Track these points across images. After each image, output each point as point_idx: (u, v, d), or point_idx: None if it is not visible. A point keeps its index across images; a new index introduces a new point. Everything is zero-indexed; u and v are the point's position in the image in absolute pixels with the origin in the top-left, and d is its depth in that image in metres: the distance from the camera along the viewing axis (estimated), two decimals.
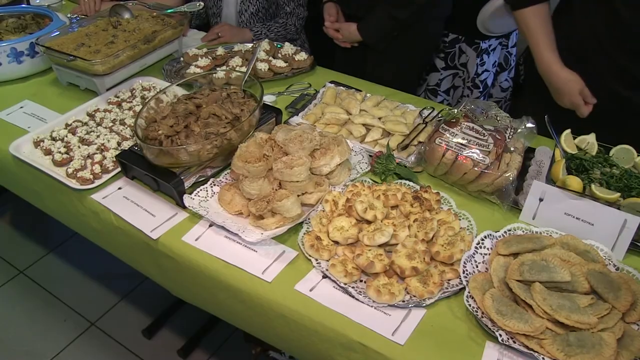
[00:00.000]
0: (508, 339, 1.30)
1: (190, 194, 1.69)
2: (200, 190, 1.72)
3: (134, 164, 1.74)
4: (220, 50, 2.49)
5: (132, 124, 1.98)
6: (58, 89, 2.33)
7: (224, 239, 1.60)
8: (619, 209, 1.56)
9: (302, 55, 2.42)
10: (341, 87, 2.25)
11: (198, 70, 2.34)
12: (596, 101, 1.94)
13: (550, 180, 1.69)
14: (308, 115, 2.05)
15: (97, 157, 1.85)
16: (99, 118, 2.07)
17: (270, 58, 2.41)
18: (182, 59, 2.48)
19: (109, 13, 2.49)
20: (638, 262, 1.54)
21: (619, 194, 1.60)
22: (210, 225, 1.64)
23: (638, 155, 1.76)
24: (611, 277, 1.41)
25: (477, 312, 1.36)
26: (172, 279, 1.72)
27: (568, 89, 1.98)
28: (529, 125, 1.85)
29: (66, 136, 1.97)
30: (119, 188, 1.79)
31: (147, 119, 1.84)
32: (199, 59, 2.41)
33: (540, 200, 1.64)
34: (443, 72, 2.82)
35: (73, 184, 1.77)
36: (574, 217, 1.60)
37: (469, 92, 2.82)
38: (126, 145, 1.92)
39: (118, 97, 2.20)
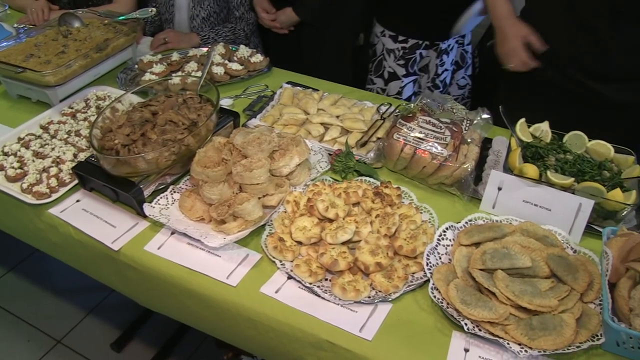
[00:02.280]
0: (474, 327, 1.32)
1: (151, 202, 1.67)
2: (161, 198, 1.70)
3: (92, 176, 1.71)
4: (175, 56, 2.46)
5: (88, 135, 1.94)
6: (8, 102, 2.26)
7: (187, 246, 1.58)
8: (573, 193, 1.59)
9: (258, 57, 2.41)
10: (298, 87, 2.25)
11: (153, 77, 2.30)
12: (545, 48, 1.95)
13: (508, 169, 1.73)
14: (266, 117, 2.05)
15: (53, 171, 1.81)
16: (53, 130, 2.02)
17: (226, 61, 2.39)
18: (136, 66, 2.44)
19: (58, 22, 2.44)
20: (594, 244, 1.58)
21: (573, 179, 1.64)
22: (172, 233, 1.62)
23: (589, 141, 1.80)
24: (569, 260, 1.45)
25: (442, 303, 1.38)
26: (137, 290, 1.70)
27: (513, 32, 2.00)
28: (485, 116, 1.88)
29: (19, 150, 1.92)
30: (77, 200, 1.76)
31: (103, 128, 1.81)
32: (154, 65, 2.38)
33: (499, 189, 1.66)
34: (404, 80, 2.82)
35: (29, 199, 1.73)
36: (532, 203, 1.64)
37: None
38: (83, 156, 1.89)
39: (72, 108, 2.15)
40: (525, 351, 1.27)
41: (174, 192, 1.72)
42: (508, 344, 1.29)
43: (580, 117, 1.88)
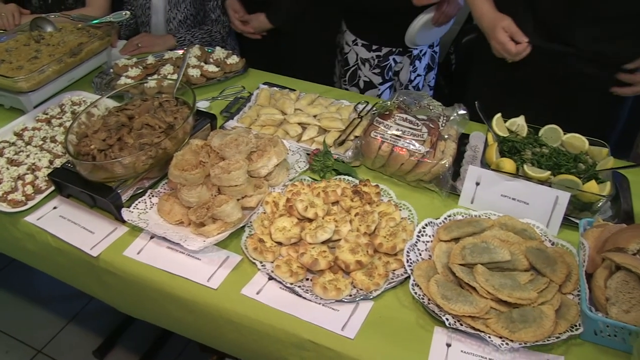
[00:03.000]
0: (455, 322, 1.32)
1: (129, 207, 1.66)
2: (139, 202, 1.68)
3: (68, 182, 1.70)
4: (150, 59, 2.44)
5: (63, 141, 1.92)
6: None
7: (167, 250, 1.57)
8: (550, 186, 1.61)
9: (234, 59, 2.41)
10: (275, 88, 2.25)
11: (129, 80, 2.29)
12: (526, 39, 1.93)
13: (485, 164, 1.74)
14: (243, 118, 2.04)
15: (29, 178, 1.79)
16: (28, 137, 1.99)
17: (202, 63, 2.38)
18: (112, 70, 2.42)
19: (29, 27, 2.40)
20: (571, 236, 1.60)
21: (549, 172, 1.66)
22: (151, 237, 1.61)
23: (564, 134, 1.82)
24: (548, 252, 1.47)
25: (423, 299, 1.38)
26: (117, 296, 1.68)
27: (493, 25, 1.98)
28: (461, 112, 1.90)
29: None
30: (54, 207, 1.74)
31: (79, 134, 1.79)
32: (129, 69, 2.36)
33: (477, 184, 1.68)
34: (381, 87, 2.81)
35: (4, 207, 1.70)
36: (509, 197, 1.65)
37: None
38: (59, 163, 1.87)
39: (47, 114, 2.13)
40: (507, 344, 1.28)
41: (152, 196, 1.71)
42: (489, 337, 1.30)
43: (548, 108, 1.90)
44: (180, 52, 2.52)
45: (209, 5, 2.85)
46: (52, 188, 1.77)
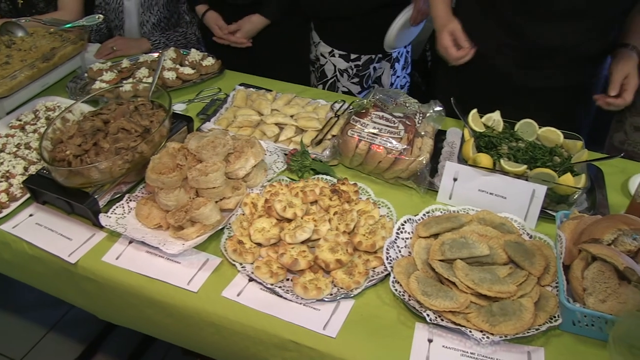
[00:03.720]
0: (436, 317, 1.33)
1: (106, 212, 1.64)
2: (117, 207, 1.67)
3: (44, 189, 1.68)
4: (125, 63, 2.42)
5: (38, 147, 1.89)
6: None
7: (146, 254, 1.56)
8: (527, 180, 1.63)
9: (210, 61, 2.40)
10: (251, 89, 2.24)
11: (104, 85, 2.26)
12: (469, 46, 1.96)
13: (462, 159, 1.75)
14: (220, 120, 2.03)
15: (3, 185, 1.76)
16: (1, 144, 1.96)
17: (178, 66, 2.37)
18: (86, 74, 2.39)
19: None
20: (549, 228, 1.61)
21: (525, 166, 1.68)
22: (130, 242, 1.60)
23: (540, 128, 1.84)
24: (526, 245, 1.48)
25: (404, 295, 1.39)
26: (96, 303, 1.67)
27: (441, 28, 2.01)
28: (437, 108, 1.91)
29: None
30: (30, 215, 1.72)
31: (53, 140, 1.77)
32: (104, 73, 2.34)
33: (455, 180, 1.69)
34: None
35: None
36: (487, 192, 1.66)
37: None
38: (34, 169, 1.85)
39: (20, 120, 2.10)
40: (487, 337, 1.29)
41: (130, 200, 1.70)
42: (470, 331, 1.31)
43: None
44: (156, 55, 2.50)
45: (182, 7, 2.83)
46: (28, 195, 1.75)
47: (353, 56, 2.65)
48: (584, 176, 1.65)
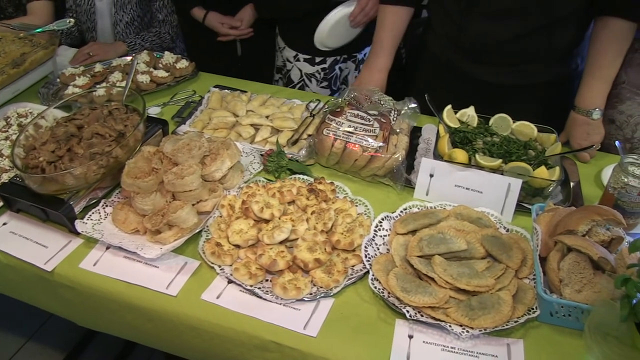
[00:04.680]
0: (416, 313, 1.34)
1: (82, 218, 1.62)
2: (93, 213, 1.65)
3: (17, 196, 1.65)
4: (98, 67, 2.39)
5: (10, 154, 1.87)
6: None
7: (124, 260, 1.55)
8: (502, 174, 1.64)
9: (184, 63, 2.38)
10: (226, 90, 2.23)
11: (77, 90, 2.23)
12: None
13: (438, 155, 1.76)
14: (195, 122, 2.02)
15: None
16: None
17: (151, 69, 2.35)
18: (58, 80, 2.36)
19: None
20: (525, 221, 1.63)
21: (500, 160, 1.69)
22: (107, 248, 1.58)
23: (514, 122, 1.86)
24: (503, 239, 1.50)
25: (383, 293, 1.39)
26: (75, 310, 1.64)
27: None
28: (412, 105, 1.92)
29: None
30: (4, 224, 1.69)
31: (26, 147, 1.75)
32: (77, 78, 2.31)
33: (431, 176, 1.70)
34: None
35: None
36: (463, 187, 1.68)
37: None
38: (6, 177, 1.81)
39: None
40: (467, 331, 1.30)
41: (106, 205, 1.68)
42: (450, 326, 1.32)
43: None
44: (129, 58, 2.48)
45: (155, 5, 2.80)
46: (1, 204, 1.72)
47: (318, 59, 2.62)
48: (558, 169, 1.67)
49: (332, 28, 2.44)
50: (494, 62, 2.01)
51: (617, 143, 1.73)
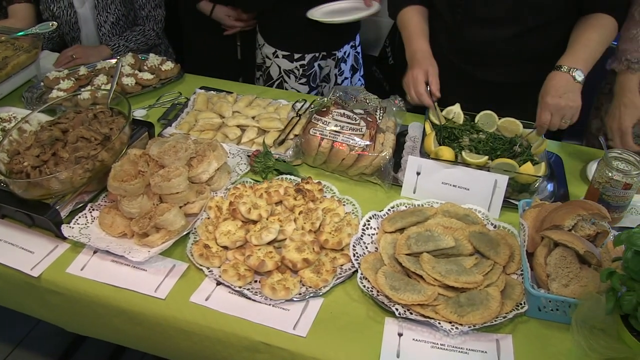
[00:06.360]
0: (405, 311, 1.34)
1: (69, 223, 1.61)
2: (79, 217, 1.64)
3: (2, 202, 1.63)
4: (83, 70, 2.38)
5: None
6: None
7: (111, 264, 1.54)
8: (489, 171, 1.65)
9: (169, 65, 2.37)
10: (212, 92, 2.23)
11: (61, 93, 2.22)
12: (437, 95, 1.88)
13: (425, 153, 1.77)
14: (181, 124, 2.02)
15: None
16: None
17: (136, 71, 2.34)
18: (42, 83, 2.34)
19: None
20: (512, 218, 1.64)
21: (487, 157, 1.70)
22: (94, 252, 1.57)
23: (499, 119, 1.87)
24: (490, 235, 1.51)
25: (372, 291, 1.39)
26: (63, 315, 1.63)
27: (415, 62, 1.92)
28: (398, 103, 1.92)
29: None
30: None
31: (10, 151, 1.73)
32: (61, 81, 2.29)
33: (418, 173, 1.70)
34: None
35: None
36: (450, 185, 1.69)
37: None
38: None
39: None
40: (456, 328, 1.31)
41: (93, 209, 1.67)
42: (439, 323, 1.32)
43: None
44: (114, 61, 2.46)
45: (137, 2, 2.77)
46: None
47: (297, 55, 2.63)
48: (544, 164, 1.68)
49: (332, 12, 2.50)
50: (490, 62, 2.02)
51: (601, 138, 1.75)
